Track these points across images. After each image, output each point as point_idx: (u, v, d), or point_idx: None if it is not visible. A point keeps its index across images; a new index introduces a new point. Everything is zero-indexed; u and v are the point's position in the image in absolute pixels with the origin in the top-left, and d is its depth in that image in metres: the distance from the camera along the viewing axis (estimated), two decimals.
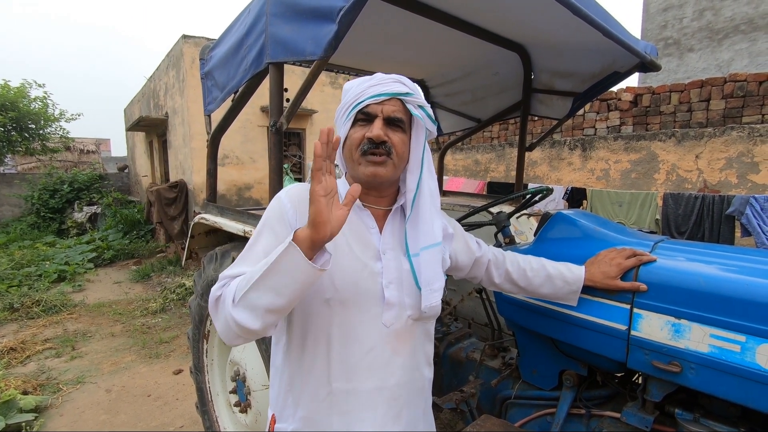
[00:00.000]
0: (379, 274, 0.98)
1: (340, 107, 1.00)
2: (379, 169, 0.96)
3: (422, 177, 1.01)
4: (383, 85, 0.96)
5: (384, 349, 0.98)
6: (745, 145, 4.43)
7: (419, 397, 1.07)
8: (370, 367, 0.97)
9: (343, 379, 0.95)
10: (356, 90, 0.97)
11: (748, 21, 8.75)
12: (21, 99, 12.90)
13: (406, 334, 1.01)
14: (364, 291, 0.96)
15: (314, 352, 0.96)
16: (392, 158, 0.96)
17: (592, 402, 1.36)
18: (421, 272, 0.99)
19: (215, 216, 1.97)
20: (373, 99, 0.94)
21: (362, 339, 0.96)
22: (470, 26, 1.86)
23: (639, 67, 1.87)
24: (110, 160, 20.10)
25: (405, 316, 1.00)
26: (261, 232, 0.97)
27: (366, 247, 0.99)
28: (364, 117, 0.97)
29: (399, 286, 0.99)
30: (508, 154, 6.92)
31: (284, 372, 1.01)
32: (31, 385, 3.42)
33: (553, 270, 1.21)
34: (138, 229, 9.64)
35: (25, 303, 5.37)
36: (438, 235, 1.02)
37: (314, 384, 0.96)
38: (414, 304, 1.00)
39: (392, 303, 0.98)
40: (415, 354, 1.04)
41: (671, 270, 1.12)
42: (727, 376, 0.96)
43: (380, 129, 0.94)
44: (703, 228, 3.86)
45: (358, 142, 0.97)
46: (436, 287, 1.00)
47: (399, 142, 0.97)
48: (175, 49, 7.94)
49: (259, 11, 1.46)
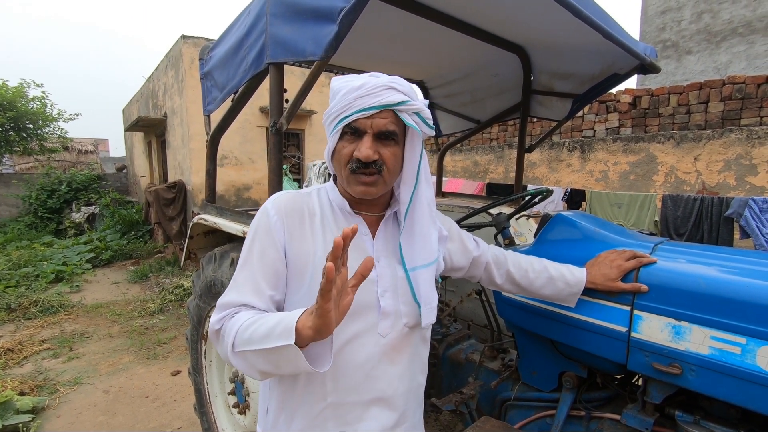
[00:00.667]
0: (374, 282, 0.95)
1: (327, 112, 0.93)
2: (370, 189, 0.91)
3: (418, 188, 0.95)
4: (372, 96, 0.86)
5: (380, 360, 0.95)
6: (744, 147, 4.44)
7: (415, 403, 1.05)
8: (367, 378, 0.94)
9: (340, 393, 0.92)
10: (343, 100, 0.88)
11: (746, 24, 8.78)
12: (19, 99, 12.86)
13: (403, 342, 0.98)
14: (359, 300, 0.90)
15: None
16: (383, 176, 0.91)
17: (592, 404, 1.36)
18: (420, 289, 0.96)
19: (214, 216, 1.96)
20: (361, 114, 0.86)
21: (358, 350, 0.93)
22: (470, 27, 1.86)
23: (638, 69, 1.87)
24: (108, 160, 20.05)
25: (401, 324, 0.97)
26: (250, 251, 0.93)
27: (360, 255, 0.93)
28: (352, 131, 0.89)
29: (394, 295, 0.96)
30: (507, 156, 6.93)
31: (274, 390, 0.98)
32: (28, 386, 3.41)
33: (555, 272, 1.20)
34: (136, 230, 9.62)
35: (22, 303, 5.35)
36: (434, 250, 0.99)
37: (309, 401, 0.93)
38: (410, 312, 0.97)
39: (388, 312, 0.95)
40: (413, 362, 1.02)
41: (671, 272, 1.12)
42: (727, 378, 0.96)
43: (369, 148, 0.87)
44: (701, 230, 3.87)
45: (347, 159, 0.90)
46: (434, 305, 0.98)
47: (390, 156, 0.90)
48: (174, 49, 7.94)
49: (260, 11, 1.46)
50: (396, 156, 0.92)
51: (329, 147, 0.95)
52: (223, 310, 0.90)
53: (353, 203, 0.99)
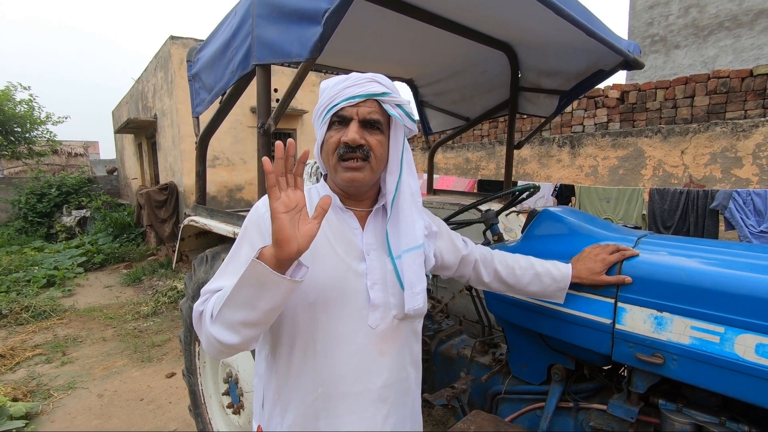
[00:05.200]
0: (364, 275, 0.97)
1: (316, 108, 0.98)
2: (357, 175, 0.94)
3: (401, 178, 0.99)
4: (358, 86, 0.92)
5: (370, 351, 0.97)
6: (729, 140, 4.51)
7: (407, 396, 1.06)
8: (357, 369, 0.96)
9: (330, 384, 0.94)
10: (330, 92, 0.94)
11: (732, 18, 8.88)
12: (6, 102, 12.67)
13: (393, 334, 1.00)
14: (349, 292, 0.95)
15: (302, 359, 0.94)
16: (370, 162, 0.95)
17: (580, 395, 1.39)
18: (404, 274, 0.98)
19: (205, 218, 1.97)
20: (348, 102, 0.92)
21: (348, 342, 0.95)
22: (457, 26, 1.88)
23: (623, 65, 1.90)
24: (99, 162, 19.86)
25: (390, 316, 0.99)
26: (239, 245, 0.95)
27: (349, 248, 0.98)
28: (339, 120, 0.94)
29: (384, 287, 0.98)
30: (498, 152, 6.97)
31: (271, 381, 0.99)
32: (21, 391, 3.38)
33: (541, 268, 1.22)
34: (128, 233, 9.54)
35: (13, 309, 5.29)
36: (419, 236, 1.01)
37: (302, 390, 0.95)
38: (399, 303, 0.99)
39: (378, 304, 0.97)
40: (402, 354, 1.03)
41: (653, 264, 1.15)
42: (707, 367, 0.99)
43: (356, 132, 0.91)
44: (688, 222, 3.93)
45: (335, 146, 0.94)
46: (418, 290, 0.99)
47: (376, 144, 0.95)
48: (162, 50, 7.88)
49: (245, 13, 1.46)
50: (382, 144, 0.96)
51: (318, 140, 0.99)
52: (206, 295, 0.90)
53: (343, 199, 1.02)
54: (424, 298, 1.01)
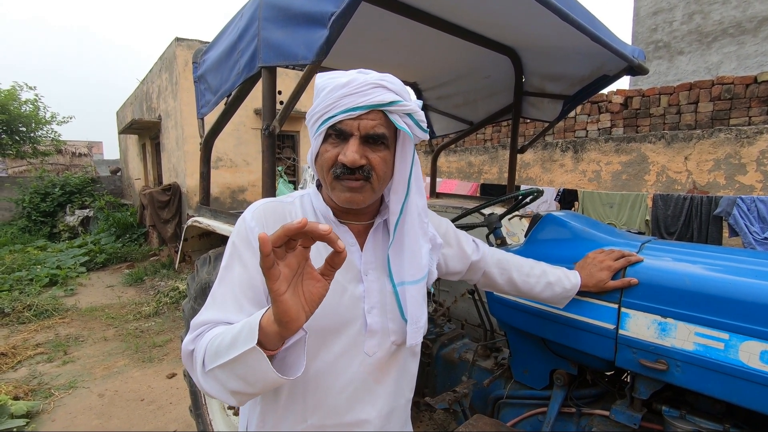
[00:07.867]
0: (361, 298, 0.87)
1: (310, 111, 0.83)
2: (356, 196, 0.81)
3: (409, 197, 0.86)
4: (360, 94, 0.76)
5: (365, 380, 0.88)
6: (733, 146, 4.50)
7: (401, 421, 0.99)
8: (350, 399, 0.87)
9: (321, 415, 0.86)
10: (327, 98, 0.78)
11: (736, 24, 8.88)
12: (11, 102, 12.75)
13: (390, 361, 0.92)
14: (345, 318, 0.86)
15: (291, 388, 0.85)
16: (371, 182, 0.81)
17: (583, 401, 1.38)
18: (407, 307, 0.89)
19: (208, 219, 1.97)
20: (347, 114, 0.77)
21: (342, 371, 0.86)
22: (462, 30, 1.89)
23: (627, 71, 1.90)
24: (102, 163, 19.93)
25: (388, 342, 0.90)
26: (229, 265, 0.84)
27: (346, 269, 0.86)
28: (336, 133, 0.80)
29: (382, 311, 0.89)
30: (501, 156, 6.97)
31: (255, 408, 0.91)
32: (23, 390, 3.39)
33: (553, 277, 1.19)
34: (131, 233, 9.56)
35: (16, 308, 5.31)
36: (424, 266, 0.90)
37: (290, 421, 0.87)
38: (398, 329, 0.90)
39: (375, 330, 0.88)
40: (399, 380, 0.95)
41: (657, 270, 1.14)
42: (711, 374, 0.98)
43: (356, 152, 0.77)
44: (691, 228, 3.92)
45: (330, 163, 0.81)
46: (421, 324, 0.90)
47: (380, 162, 0.81)
48: (168, 51, 7.92)
49: (252, 15, 1.47)
50: (386, 161, 0.82)
51: (312, 149, 0.85)
52: (199, 330, 0.79)
53: (338, 212, 0.90)
54: (425, 329, 0.93)
